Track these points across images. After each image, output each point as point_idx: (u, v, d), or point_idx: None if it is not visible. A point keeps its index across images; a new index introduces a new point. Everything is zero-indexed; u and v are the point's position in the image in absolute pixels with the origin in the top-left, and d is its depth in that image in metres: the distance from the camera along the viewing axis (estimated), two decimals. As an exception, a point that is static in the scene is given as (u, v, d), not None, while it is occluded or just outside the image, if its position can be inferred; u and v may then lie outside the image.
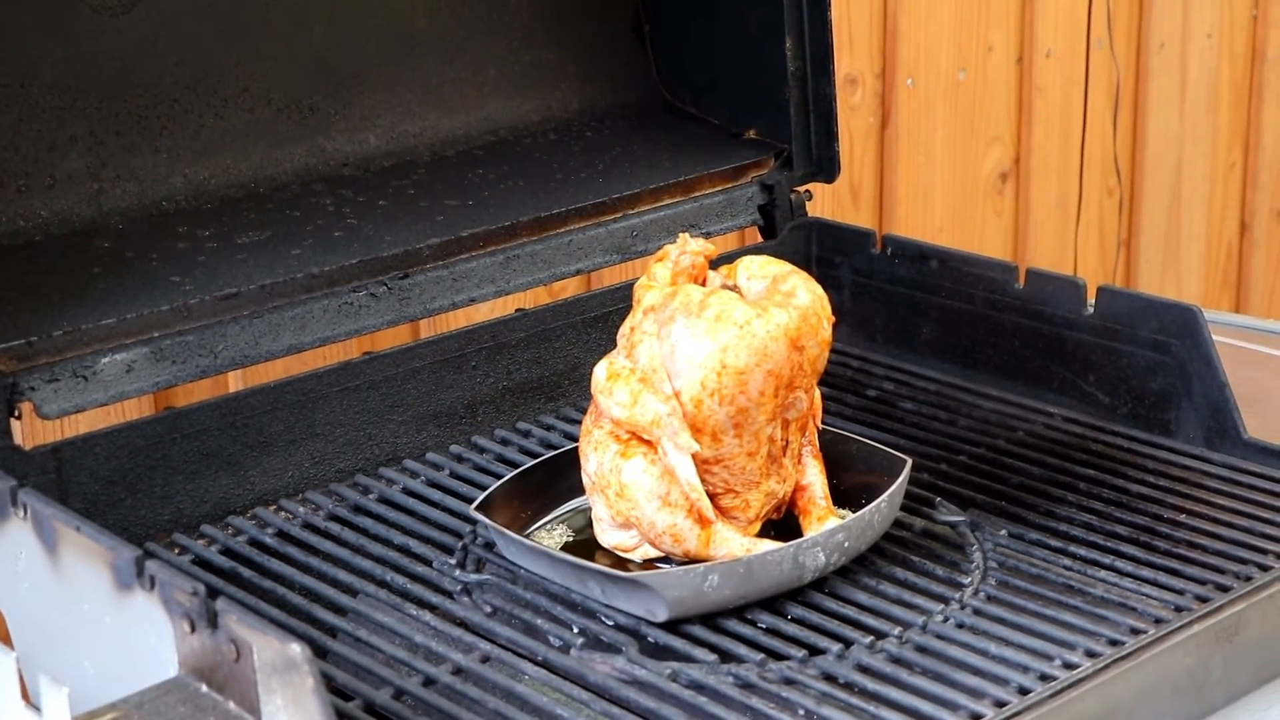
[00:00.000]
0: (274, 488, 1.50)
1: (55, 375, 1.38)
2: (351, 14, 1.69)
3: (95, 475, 1.40)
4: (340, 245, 1.56)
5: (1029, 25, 2.66)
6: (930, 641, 1.23)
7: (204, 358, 1.45)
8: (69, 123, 1.53)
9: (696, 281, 1.35)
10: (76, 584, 1.19)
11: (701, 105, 1.89)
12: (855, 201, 2.50)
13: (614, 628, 1.27)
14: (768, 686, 1.18)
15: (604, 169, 1.76)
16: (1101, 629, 1.24)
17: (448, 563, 1.37)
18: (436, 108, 1.76)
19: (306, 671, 1.01)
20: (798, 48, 1.79)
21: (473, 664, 1.22)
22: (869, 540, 1.33)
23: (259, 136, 1.64)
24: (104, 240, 1.52)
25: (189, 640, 1.10)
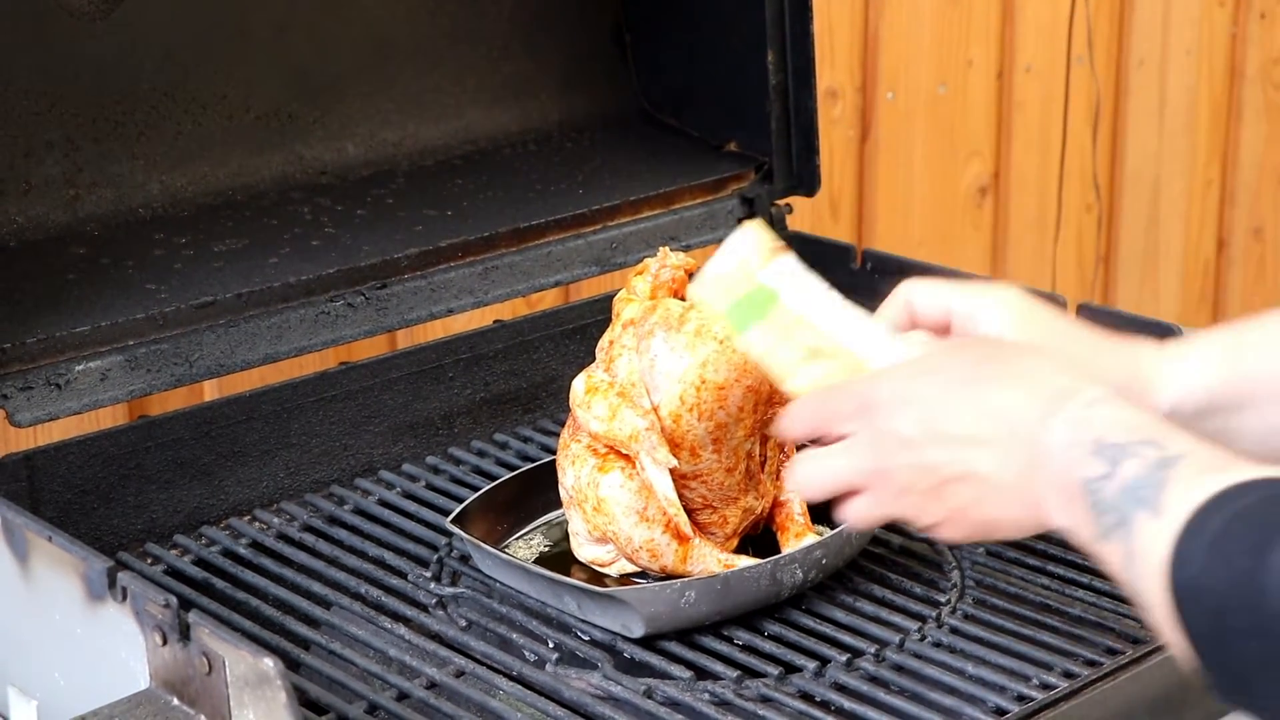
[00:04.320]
0: (248, 498, 1.49)
1: (29, 383, 1.36)
2: (331, 23, 1.69)
3: (68, 484, 1.39)
4: (318, 254, 1.55)
5: (1009, 41, 2.67)
6: (907, 660, 1.23)
7: (179, 366, 1.44)
8: (46, 128, 1.52)
9: (676, 295, 1.34)
10: (47, 594, 1.18)
11: (682, 117, 1.89)
12: (835, 215, 2.50)
13: (590, 643, 1.26)
14: (744, 704, 1.18)
15: (584, 180, 1.76)
16: (1079, 649, 1.23)
17: (423, 575, 1.36)
18: (416, 117, 1.75)
19: (279, 685, 1.00)
20: (779, 60, 1.79)
21: (447, 679, 1.21)
22: (847, 557, 1.33)
23: (237, 144, 1.63)
24: (79, 247, 1.51)
25: (161, 652, 1.09)
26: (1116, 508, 0.88)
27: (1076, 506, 0.91)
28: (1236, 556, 0.82)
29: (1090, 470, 0.90)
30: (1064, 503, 0.92)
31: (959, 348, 1.08)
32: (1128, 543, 0.88)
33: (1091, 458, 0.90)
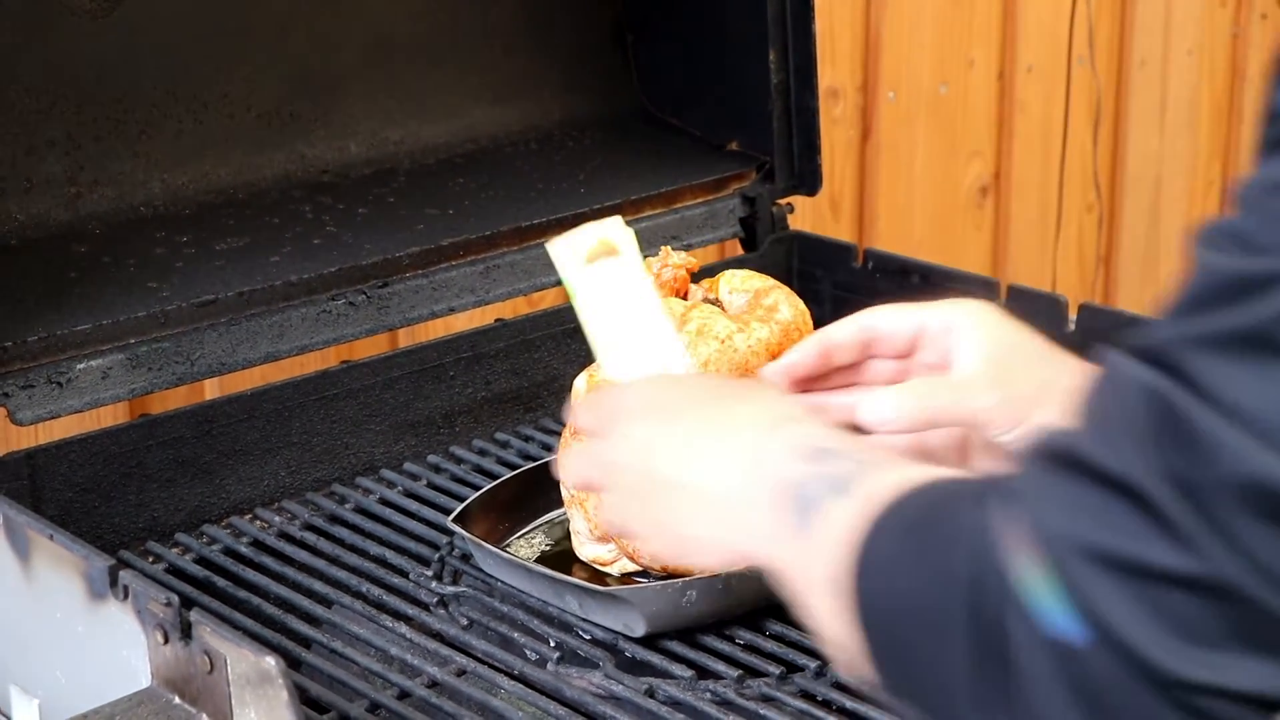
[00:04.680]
0: (250, 496, 1.49)
1: (30, 381, 1.36)
2: (333, 21, 1.69)
3: (69, 482, 1.39)
4: (319, 253, 1.55)
5: (1010, 41, 2.67)
6: (909, 659, 1.23)
7: (180, 365, 1.44)
8: (47, 126, 1.51)
9: (678, 295, 1.34)
10: (49, 593, 1.18)
11: (683, 117, 1.89)
12: (836, 214, 2.50)
13: (591, 642, 1.26)
14: (745, 703, 1.18)
15: (585, 179, 1.76)
16: (1081, 648, 1.23)
17: (424, 574, 1.36)
18: (417, 116, 1.75)
19: (280, 684, 1.00)
20: (781, 60, 1.79)
21: (448, 677, 1.21)
22: (848, 556, 1.33)
23: (238, 142, 1.63)
24: (81, 245, 1.51)
25: (162, 651, 1.09)
26: (817, 496, 0.89)
27: (781, 504, 0.91)
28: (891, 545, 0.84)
29: (801, 468, 0.91)
30: (771, 502, 0.92)
31: (711, 375, 1.13)
32: (820, 527, 0.88)
33: (804, 460, 0.91)
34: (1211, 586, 0.71)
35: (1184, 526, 0.70)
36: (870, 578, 0.84)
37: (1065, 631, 0.73)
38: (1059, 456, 0.74)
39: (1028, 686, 0.74)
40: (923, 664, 0.80)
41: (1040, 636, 0.73)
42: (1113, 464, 0.72)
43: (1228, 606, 0.71)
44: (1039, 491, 0.75)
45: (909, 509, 0.84)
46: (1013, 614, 0.74)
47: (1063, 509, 0.74)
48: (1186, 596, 0.71)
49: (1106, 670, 0.72)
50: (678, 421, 1.01)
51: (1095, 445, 0.73)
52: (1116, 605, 0.72)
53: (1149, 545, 0.71)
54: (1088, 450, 0.73)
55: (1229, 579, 0.70)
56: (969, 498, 0.79)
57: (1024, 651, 0.74)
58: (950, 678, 0.78)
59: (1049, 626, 0.73)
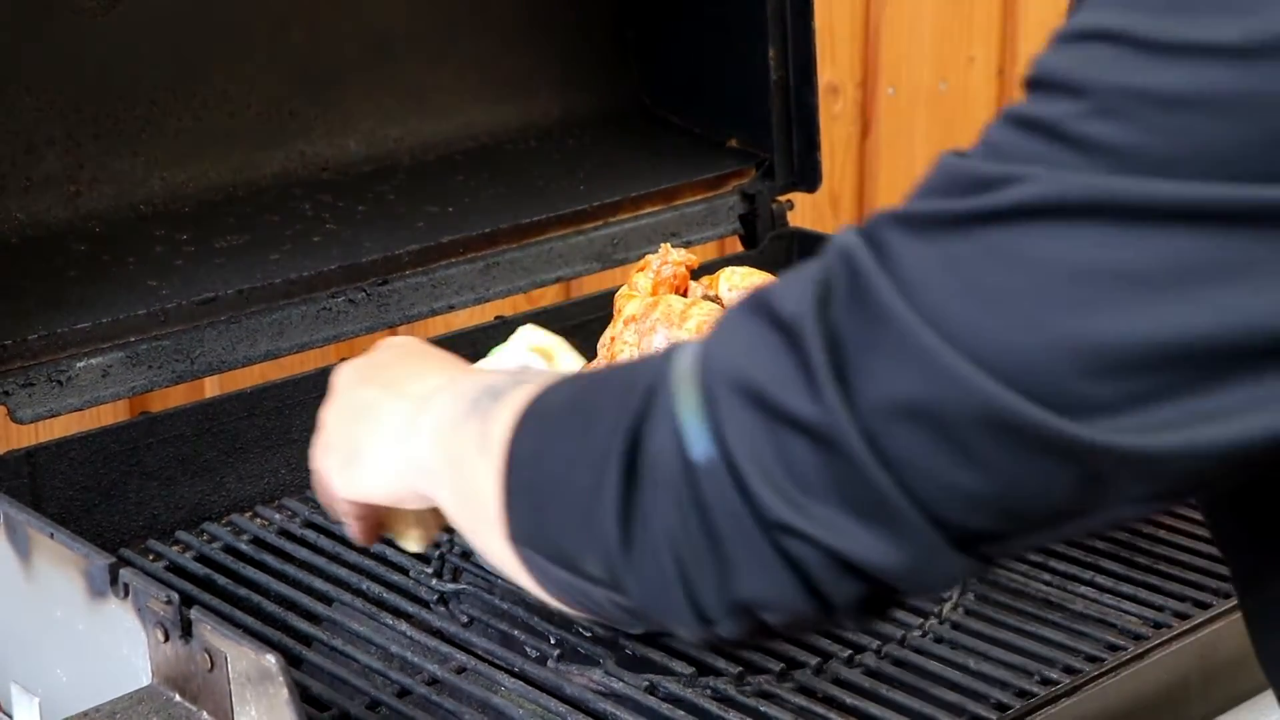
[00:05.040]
0: (250, 494, 1.49)
1: (30, 379, 1.36)
2: (332, 18, 1.69)
3: (69, 481, 1.39)
4: (319, 250, 1.55)
5: (1010, 38, 2.66)
6: (909, 656, 1.23)
7: (180, 363, 1.44)
8: (46, 124, 1.51)
9: (678, 292, 1.34)
10: (49, 591, 1.18)
11: (683, 114, 1.89)
12: (835, 211, 2.50)
13: (591, 639, 1.26)
14: (745, 700, 1.18)
15: (585, 176, 1.76)
16: (1080, 645, 1.23)
17: (424, 572, 1.36)
18: (417, 113, 1.75)
19: (281, 682, 1.00)
20: (780, 57, 1.79)
21: (449, 675, 1.21)
22: (848, 553, 1.33)
23: (238, 140, 1.63)
24: (80, 243, 1.51)
25: (163, 649, 1.09)
26: (480, 405, 0.92)
27: (446, 429, 0.94)
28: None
29: (474, 394, 0.93)
30: (435, 427, 0.95)
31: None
32: (478, 424, 0.91)
33: (478, 390, 0.93)
34: (826, 439, 0.74)
35: (821, 377, 0.73)
36: (526, 427, 0.87)
37: (694, 449, 0.76)
38: (752, 301, 0.78)
39: (648, 492, 0.78)
40: (565, 494, 0.83)
41: (672, 449, 0.77)
42: (787, 308, 0.76)
43: (836, 462, 0.74)
44: (721, 330, 0.79)
45: (583, 377, 0.89)
46: (657, 429, 0.78)
47: (732, 344, 0.77)
48: (805, 444, 0.74)
49: (718, 492, 0.76)
50: (378, 374, 1.05)
51: (780, 290, 0.77)
52: (744, 436, 0.75)
53: (787, 387, 0.74)
54: (772, 295, 0.77)
55: (840, 436, 0.73)
56: (663, 353, 0.83)
57: (654, 460, 0.78)
58: (590, 497, 0.81)
59: (683, 442, 0.77)
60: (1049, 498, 0.73)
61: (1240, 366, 0.69)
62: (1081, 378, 0.70)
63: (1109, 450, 0.70)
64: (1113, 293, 0.69)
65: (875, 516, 0.74)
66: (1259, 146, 0.68)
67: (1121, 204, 0.69)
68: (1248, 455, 0.71)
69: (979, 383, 0.70)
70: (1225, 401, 0.70)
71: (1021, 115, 0.73)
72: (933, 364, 0.71)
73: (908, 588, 0.78)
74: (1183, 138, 0.68)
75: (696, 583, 0.79)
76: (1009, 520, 0.74)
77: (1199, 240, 0.68)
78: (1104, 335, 0.69)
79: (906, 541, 0.74)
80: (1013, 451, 0.71)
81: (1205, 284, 0.68)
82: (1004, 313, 0.70)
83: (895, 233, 0.74)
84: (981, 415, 0.71)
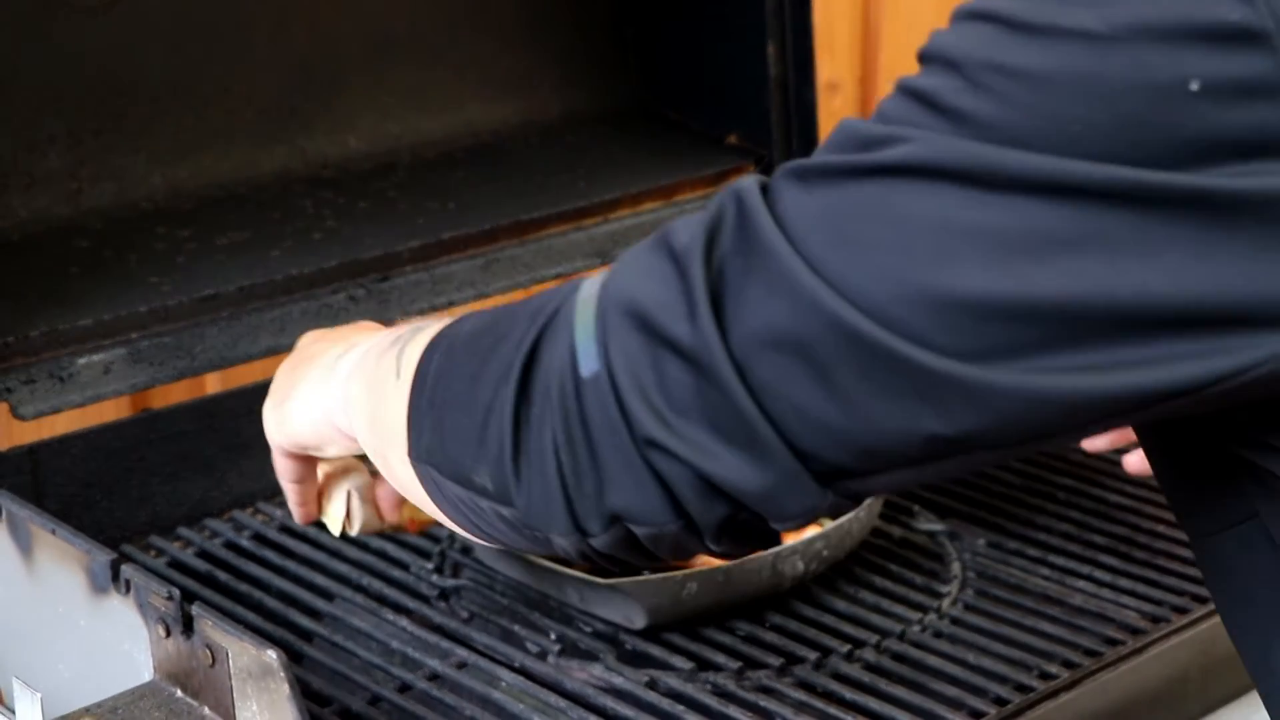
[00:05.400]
0: (251, 490, 1.49)
1: (32, 376, 1.37)
2: (333, 16, 1.69)
3: (71, 477, 1.39)
4: (320, 247, 1.56)
5: (1010, 33, 2.66)
6: (908, 650, 1.23)
7: (182, 359, 1.44)
8: (48, 121, 1.52)
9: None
10: (51, 587, 1.18)
11: (683, 110, 1.89)
12: (835, 207, 2.50)
13: (591, 635, 1.27)
14: (745, 695, 1.18)
15: (585, 173, 1.76)
16: (1079, 639, 1.24)
17: (425, 567, 1.37)
18: (417, 110, 1.75)
19: (282, 677, 1.00)
20: (779, 53, 1.79)
21: (449, 670, 1.21)
22: (847, 548, 1.33)
23: (239, 137, 1.64)
24: (82, 240, 1.52)
25: (164, 645, 1.09)
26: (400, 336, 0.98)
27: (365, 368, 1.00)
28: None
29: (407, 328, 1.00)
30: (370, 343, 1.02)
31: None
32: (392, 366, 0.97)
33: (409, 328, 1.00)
34: (698, 363, 0.79)
35: (700, 303, 0.79)
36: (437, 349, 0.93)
37: (584, 366, 0.82)
38: (655, 236, 0.84)
39: (539, 405, 0.84)
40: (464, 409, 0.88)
41: (565, 364, 0.83)
42: (681, 240, 0.81)
43: (706, 386, 0.79)
44: (624, 261, 0.85)
45: (498, 307, 0.93)
46: (554, 346, 0.84)
47: (630, 273, 0.83)
48: (680, 366, 0.79)
49: (599, 405, 0.81)
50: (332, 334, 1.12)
51: (678, 225, 0.83)
52: (627, 355, 0.81)
53: (669, 312, 0.80)
54: (672, 229, 0.83)
55: (712, 360, 0.78)
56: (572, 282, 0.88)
57: (547, 374, 0.84)
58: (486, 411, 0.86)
59: (575, 358, 0.82)
60: (904, 433, 0.77)
61: (1084, 330, 0.74)
62: (934, 320, 0.75)
63: (953, 379, 0.75)
64: (966, 249, 0.74)
65: (740, 440, 0.79)
66: (1108, 128, 0.72)
67: (980, 170, 0.74)
68: (1085, 410, 0.75)
69: (842, 311, 0.75)
70: (1067, 360, 0.74)
71: (910, 86, 0.78)
72: (802, 294, 0.77)
73: (769, 512, 0.82)
74: (1039, 114, 0.73)
75: (575, 493, 0.84)
76: (867, 457, 0.79)
77: (1049, 210, 0.73)
78: (955, 286, 0.74)
79: (768, 467, 0.79)
80: (869, 378, 0.76)
81: (1055, 251, 0.73)
82: (869, 258, 0.76)
83: (786, 181, 0.80)
84: (842, 340, 0.76)
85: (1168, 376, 0.74)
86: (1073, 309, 0.73)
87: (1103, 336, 0.74)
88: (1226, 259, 0.73)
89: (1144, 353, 0.74)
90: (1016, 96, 0.74)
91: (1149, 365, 0.74)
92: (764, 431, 0.79)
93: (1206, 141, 0.72)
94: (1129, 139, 0.72)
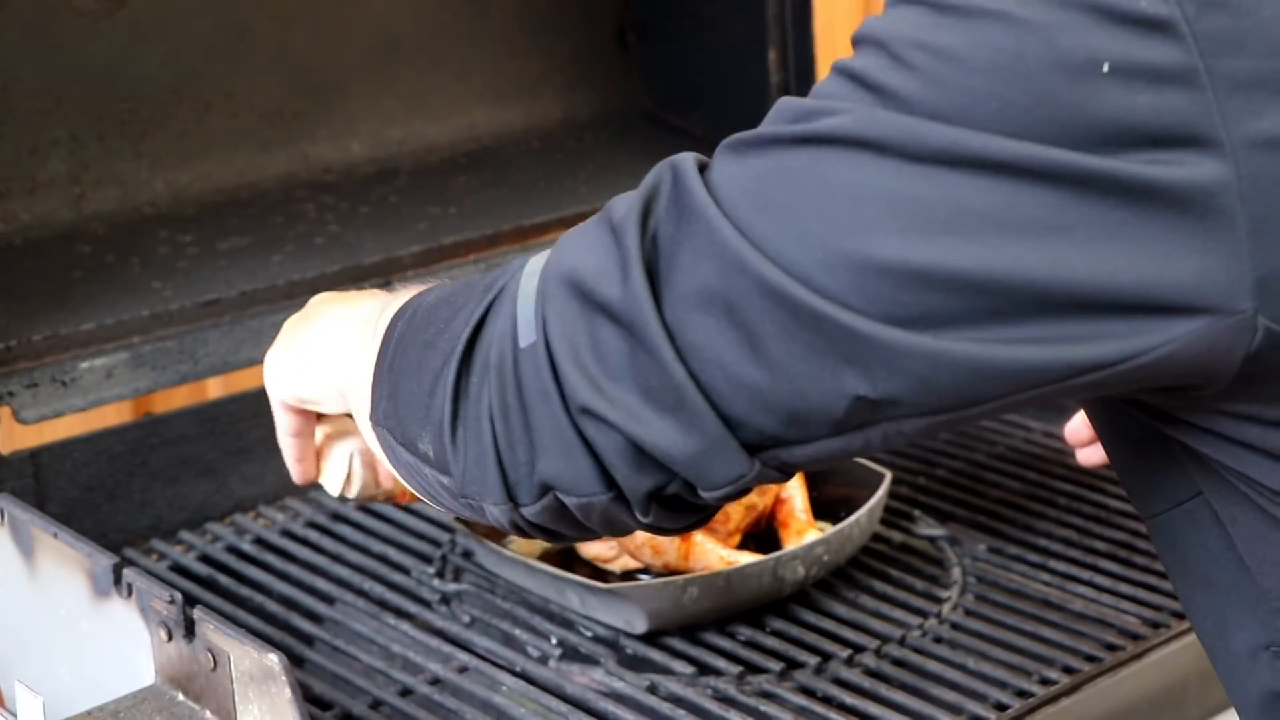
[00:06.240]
0: (253, 495, 1.49)
1: (34, 380, 1.37)
2: (336, 21, 1.69)
3: (73, 481, 1.40)
4: (322, 252, 1.56)
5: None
6: (908, 656, 1.24)
7: (184, 364, 1.45)
8: (51, 126, 1.52)
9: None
10: (53, 590, 1.19)
11: (685, 116, 1.89)
12: (837, 213, 2.50)
13: (592, 639, 1.27)
14: (745, 700, 1.18)
15: (586, 178, 1.76)
16: (1079, 645, 1.24)
17: (426, 572, 1.37)
18: (419, 115, 1.76)
19: (284, 681, 1.00)
20: (780, 59, 1.79)
21: (450, 674, 1.22)
22: (848, 554, 1.33)
23: (242, 142, 1.64)
24: (85, 245, 1.52)
25: (166, 648, 1.09)
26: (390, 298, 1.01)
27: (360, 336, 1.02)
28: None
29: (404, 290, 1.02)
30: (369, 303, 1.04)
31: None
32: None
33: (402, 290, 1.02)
34: (629, 325, 0.81)
35: (633, 267, 0.81)
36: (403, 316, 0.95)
37: (523, 336, 0.84)
38: (600, 212, 0.86)
39: (478, 374, 0.86)
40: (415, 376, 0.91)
41: (505, 334, 0.85)
42: (619, 211, 0.84)
43: (637, 348, 0.81)
44: (568, 236, 0.87)
45: (463, 280, 0.96)
46: (497, 317, 0.86)
47: (572, 246, 0.85)
48: (613, 330, 0.82)
49: (534, 372, 0.83)
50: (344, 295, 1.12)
51: (619, 200, 0.85)
52: (563, 321, 0.83)
53: (604, 277, 0.82)
54: (613, 204, 0.85)
55: (643, 321, 0.80)
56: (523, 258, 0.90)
57: (488, 344, 0.86)
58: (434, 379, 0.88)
59: (515, 329, 0.84)
60: (826, 398, 0.79)
61: (999, 304, 0.76)
62: (854, 285, 0.77)
63: (873, 340, 0.76)
64: (887, 217, 0.77)
65: (669, 405, 0.81)
66: (1024, 106, 0.74)
67: (902, 142, 0.76)
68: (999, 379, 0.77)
69: (767, 272, 0.77)
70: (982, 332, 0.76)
71: (843, 67, 0.81)
72: (729, 256, 0.79)
73: (696, 480, 0.83)
74: (960, 90, 0.76)
75: (508, 461, 0.86)
76: (792, 422, 0.80)
77: (966, 184, 0.75)
78: (874, 253, 0.76)
79: (696, 432, 0.81)
80: (793, 337, 0.78)
81: (971, 224, 0.75)
82: (794, 222, 0.78)
83: (721, 153, 0.83)
84: (768, 301, 0.78)
85: (1075, 354, 0.76)
86: (987, 283, 0.75)
87: (1017, 312, 0.76)
88: (1136, 243, 0.75)
89: (1055, 330, 0.76)
90: (939, 74, 0.76)
91: (1058, 342, 0.76)
92: (692, 396, 0.80)
93: (1118, 125, 0.74)
94: (1043, 117, 0.74)
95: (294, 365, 1.11)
